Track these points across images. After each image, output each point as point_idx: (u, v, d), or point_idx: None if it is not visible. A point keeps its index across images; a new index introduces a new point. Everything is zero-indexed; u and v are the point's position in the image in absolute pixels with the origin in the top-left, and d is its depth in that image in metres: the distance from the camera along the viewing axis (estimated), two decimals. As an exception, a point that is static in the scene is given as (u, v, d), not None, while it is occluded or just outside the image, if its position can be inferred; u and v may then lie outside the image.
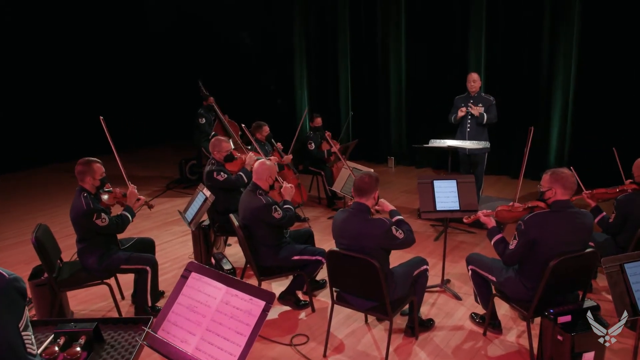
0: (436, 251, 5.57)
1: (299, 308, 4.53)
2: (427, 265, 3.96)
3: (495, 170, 8.77)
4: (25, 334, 1.46)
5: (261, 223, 4.19)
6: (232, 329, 1.99)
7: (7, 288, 1.43)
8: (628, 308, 2.86)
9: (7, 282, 1.43)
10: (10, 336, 1.42)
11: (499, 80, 8.52)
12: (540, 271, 3.36)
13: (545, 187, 3.47)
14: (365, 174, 3.67)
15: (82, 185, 4.12)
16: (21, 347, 1.45)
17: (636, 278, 2.89)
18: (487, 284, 3.96)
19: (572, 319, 3.37)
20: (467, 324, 4.23)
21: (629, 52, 7.22)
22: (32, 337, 1.47)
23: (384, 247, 3.52)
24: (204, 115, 8.17)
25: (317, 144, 7.45)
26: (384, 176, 9.38)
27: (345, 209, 3.68)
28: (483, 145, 6.01)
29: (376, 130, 10.31)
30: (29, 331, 1.47)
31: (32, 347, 1.47)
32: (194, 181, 8.79)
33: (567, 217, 3.38)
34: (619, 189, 4.29)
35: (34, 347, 1.48)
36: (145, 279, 4.27)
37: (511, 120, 8.34)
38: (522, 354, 3.76)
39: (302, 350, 3.90)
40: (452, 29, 8.96)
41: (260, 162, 4.36)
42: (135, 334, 2.46)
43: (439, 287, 4.83)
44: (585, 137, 7.83)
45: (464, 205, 4.45)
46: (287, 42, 11.18)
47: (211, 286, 2.14)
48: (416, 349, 3.88)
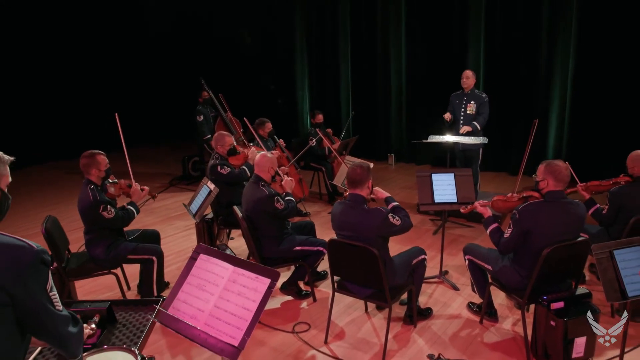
0: (435, 244, 5.69)
1: (300, 298, 4.65)
2: (425, 255, 4.08)
3: (493, 167, 8.90)
4: (52, 294, 1.64)
5: (264, 214, 4.31)
6: (239, 305, 2.11)
7: (35, 259, 1.57)
8: (617, 293, 2.97)
9: (35, 254, 1.58)
10: (42, 299, 1.60)
11: (497, 78, 8.66)
12: (534, 260, 3.48)
13: (539, 177, 3.59)
14: (356, 165, 3.78)
15: (88, 178, 4.23)
16: (51, 306, 1.62)
17: (625, 264, 2.99)
18: (483, 273, 4.07)
19: (564, 306, 3.49)
20: (464, 313, 4.35)
21: (626, 50, 7.35)
22: (57, 295, 1.65)
23: (383, 235, 3.64)
24: (202, 112, 8.31)
25: (319, 141, 7.57)
26: (385, 173, 9.51)
27: (342, 202, 3.79)
28: (480, 140, 6.13)
29: (376, 127, 10.46)
30: (54, 291, 1.64)
31: (58, 304, 1.66)
32: (196, 177, 8.91)
33: (560, 207, 3.49)
34: (612, 182, 4.40)
35: (59, 303, 1.66)
36: (151, 269, 4.39)
37: (510, 117, 8.49)
38: (517, 341, 3.88)
39: (304, 337, 4.02)
40: (452, 28, 9.10)
41: (262, 155, 4.48)
42: (145, 314, 2.58)
43: (438, 278, 4.95)
44: (583, 133, 7.97)
45: (461, 197, 4.57)
46: (287, 42, 11.32)
47: (219, 266, 2.26)
48: (414, 336, 4.00)
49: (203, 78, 8.52)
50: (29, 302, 1.55)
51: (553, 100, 8.18)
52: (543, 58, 8.18)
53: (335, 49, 10.65)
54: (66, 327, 1.68)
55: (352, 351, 3.83)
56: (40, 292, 1.59)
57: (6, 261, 1.53)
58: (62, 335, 1.66)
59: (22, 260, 1.55)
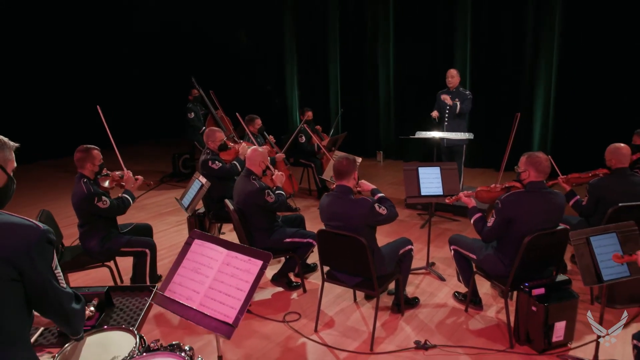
0: (422, 237, 5.82)
1: (291, 289, 4.76)
2: (411, 245, 4.20)
3: (480, 164, 9.07)
4: (57, 271, 1.75)
5: (255, 207, 4.41)
6: (232, 286, 2.21)
7: (42, 237, 1.68)
8: (593, 277, 3.11)
9: (42, 233, 1.68)
10: (48, 276, 1.70)
11: (483, 76, 8.85)
12: (516, 248, 3.61)
13: (521, 168, 3.73)
14: (342, 157, 3.89)
15: (82, 172, 4.29)
16: (56, 282, 1.72)
17: (600, 250, 3.13)
18: (468, 262, 4.21)
19: (545, 292, 3.64)
20: (450, 302, 4.48)
21: (609, 47, 7.57)
22: (61, 274, 1.75)
23: (370, 223, 3.76)
24: (193, 110, 8.42)
25: (308, 137, 7.68)
26: (373, 169, 9.65)
27: (329, 193, 3.91)
28: (466, 136, 6.27)
29: (365, 125, 10.61)
30: (58, 269, 1.75)
31: (62, 282, 1.76)
32: (187, 175, 8.99)
33: (541, 196, 3.63)
34: (591, 174, 4.55)
35: (63, 281, 1.76)
36: (145, 261, 4.47)
37: (496, 114, 8.66)
38: (501, 327, 4.01)
39: (295, 326, 4.13)
40: (438, 27, 9.26)
41: (252, 149, 4.59)
42: (142, 299, 2.68)
43: (425, 270, 5.08)
44: (567, 128, 8.19)
45: (447, 190, 4.70)
46: (277, 40, 11.42)
47: (213, 250, 2.36)
48: (402, 324, 4.12)
49: (194, 76, 8.60)
50: (36, 278, 1.65)
51: (538, 97, 8.37)
52: (528, 56, 8.37)
53: (325, 47, 10.78)
54: (70, 304, 1.78)
55: (341, 339, 3.94)
56: (46, 269, 1.69)
57: (16, 239, 1.63)
58: (66, 311, 1.76)
59: (30, 239, 1.65)
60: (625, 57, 7.50)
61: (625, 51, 7.48)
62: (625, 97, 7.57)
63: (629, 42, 7.44)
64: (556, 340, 3.65)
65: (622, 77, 7.58)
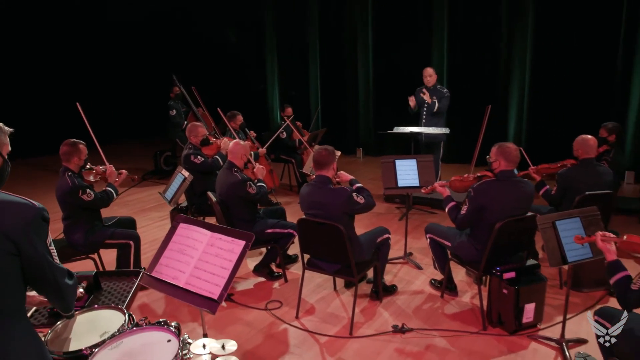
0: (400, 229, 5.97)
1: (272, 279, 4.88)
2: (389, 234, 4.36)
3: (457, 159, 9.29)
4: (51, 248, 1.86)
5: (237, 198, 4.53)
6: (217, 265, 2.33)
7: (37, 215, 1.78)
8: (559, 259, 3.30)
9: (38, 210, 1.79)
10: (43, 251, 1.81)
11: (460, 73, 9.08)
12: (488, 234, 3.78)
13: (492, 158, 3.90)
14: (321, 148, 4.03)
15: (67, 165, 4.36)
16: (50, 258, 1.84)
17: (565, 233, 3.32)
18: (443, 250, 4.37)
19: (515, 275, 3.82)
20: (427, 289, 4.65)
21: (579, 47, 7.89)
22: (55, 251, 1.87)
23: (348, 212, 3.90)
24: (174, 107, 8.50)
25: (289, 133, 7.81)
26: (353, 166, 9.81)
27: (309, 183, 4.05)
28: (443, 130, 6.46)
29: (345, 122, 10.78)
30: (52, 246, 1.86)
31: (56, 258, 1.87)
32: (168, 172, 9.04)
33: (511, 184, 3.81)
34: (560, 164, 4.76)
35: (57, 257, 1.87)
36: (129, 253, 4.55)
37: (472, 111, 8.86)
38: (475, 311, 4.19)
39: (276, 314, 4.26)
40: (416, 25, 9.46)
41: (234, 142, 4.71)
42: (129, 283, 2.79)
43: (402, 259, 5.24)
44: (540, 122, 8.55)
45: (423, 182, 4.87)
46: (258, 37, 11.52)
47: (198, 232, 2.48)
48: (380, 310, 4.28)
49: (175, 73, 8.67)
50: (32, 253, 1.76)
51: (512, 94, 8.64)
52: (503, 54, 8.63)
53: (305, 45, 10.91)
54: (64, 279, 1.89)
55: (321, 324, 4.08)
56: (41, 245, 1.79)
57: (14, 216, 1.73)
58: (60, 285, 1.87)
59: (27, 216, 1.76)
60: (594, 55, 7.82)
61: (595, 49, 7.80)
62: (594, 93, 7.89)
63: (598, 41, 7.75)
64: (526, 322, 3.83)
65: (591, 74, 7.92)
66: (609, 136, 5.49)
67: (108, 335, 2.16)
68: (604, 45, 7.73)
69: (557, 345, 3.64)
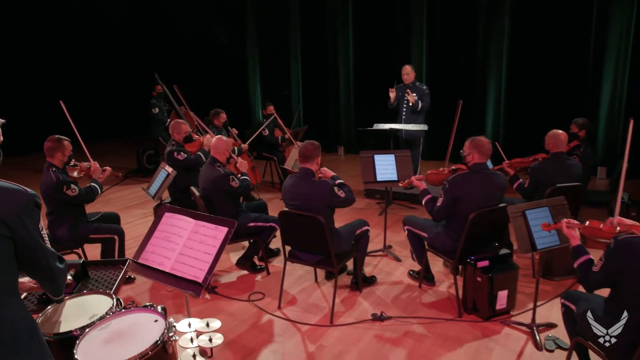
0: (380, 224, 6.10)
1: (255, 272, 4.99)
2: (368, 227, 4.50)
3: (437, 156, 9.47)
4: (43, 232, 1.97)
5: (220, 192, 4.63)
6: (201, 251, 2.44)
7: (30, 200, 1.88)
8: (528, 246, 3.46)
9: (30, 196, 1.88)
10: (36, 235, 1.91)
11: (438, 71, 9.28)
12: (462, 224, 3.94)
13: (466, 152, 4.06)
14: (308, 142, 4.16)
15: (51, 161, 4.41)
16: (42, 241, 1.94)
17: (534, 222, 3.48)
18: (421, 241, 4.52)
19: (489, 264, 3.98)
20: (405, 280, 4.80)
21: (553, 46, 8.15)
22: (46, 235, 1.97)
23: (329, 204, 4.02)
24: (156, 105, 8.58)
25: (270, 130, 7.92)
26: (335, 163, 9.94)
27: (292, 175, 4.17)
28: (421, 127, 6.62)
29: (326, 120, 10.91)
30: (44, 231, 1.96)
31: (47, 242, 1.97)
32: (151, 170, 9.08)
33: (484, 177, 3.97)
34: (532, 158, 4.93)
35: (48, 242, 1.97)
36: (113, 247, 4.63)
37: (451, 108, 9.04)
38: (451, 300, 4.34)
39: (259, 304, 4.37)
40: (395, 24, 9.65)
41: (217, 138, 4.80)
42: (115, 272, 2.87)
43: (382, 252, 5.39)
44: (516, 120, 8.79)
45: (401, 176, 5.01)
46: (240, 36, 11.60)
47: (182, 220, 2.59)
48: (360, 300, 4.41)
49: (158, 72, 8.72)
50: (25, 236, 1.85)
51: (490, 90, 8.86)
52: (480, 53, 8.83)
53: (286, 44, 11.02)
54: (55, 262, 1.99)
55: (303, 314, 4.20)
56: (34, 229, 1.89)
57: (8, 201, 1.83)
58: (52, 269, 1.97)
59: (20, 201, 1.85)
60: (567, 54, 8.08)
61: (568, 49, 8.06)
62: (567, 91, 8.17)
63: (571, 41, 8.01)
64: (499, 308, 4.00)
65: (564, 73, 8.18)
66: (579, 131, 5.69)
67: (97, 318, 2.26)
68: (576, 45, 7.99)
69: (529, 330, 3.81)
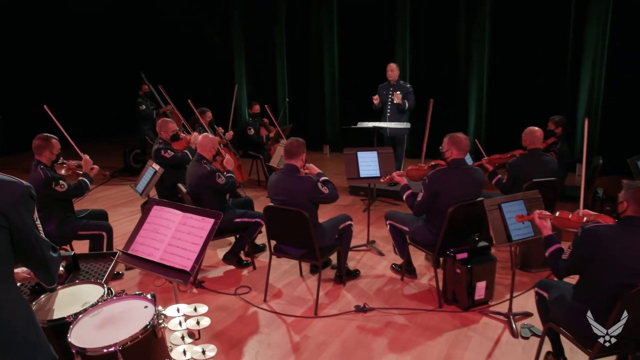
0: (365, 219, 6.21)
1: (241, 267, 5.10)
2: (351, 221, 4.62)
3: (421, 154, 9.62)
4: (38, 223, 2.06)
5: (207, 189, 4.72)
6: (188, 241, 2.55)
7: (24, 193, 1.97)
8: (504, 237, 3.61)
9: (25, 188, 1.97)
10: (31, 225, 1.99)
11: (421, 70, 9.46)
12: (442, 218, 4.08)
13: (444, 148, 4.20)
14: (293, 139, 4.28)
15: (39, 159, 4.48)
16: (37, 231, 2.03)
17: (510, 215, 3.63)
18: (402, 235, 4.66)
19: (468, 256, 4.12)
20: (388, 273, 4.93)
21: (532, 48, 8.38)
22: (40, 226, 2.06)
23: (313, 200, 4.14)
24: (143, 103, 8.65)
25: (256, 129, 8.03)
26: (320, 162, 10.06)
27: (278, 171, 4.29)
28: (404, 125, 6.77)
29: (312, 119, 11.04)
30: (38, 222, 2.06)
31: (42, 232, 2.06)
32: (138, 169, 9.11)
33: (462, 172, 4.12)
34: (510, 154, 5.10)
35: (42, 232, 2.06)
36: (101, 244, 4.70)
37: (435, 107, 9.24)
38: (432, 292, 4.49)
39: (245, 298, 4.48)
40: (381, 22, 9.81)
41: (204, 135, 4.91)
42: (105, 264, 2.97)
43: (365, 247, 5.52)
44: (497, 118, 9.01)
45: (383, 172, 5.15)
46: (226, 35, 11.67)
47: (171, 213, 2.70)
48: (344, 292, 4.54)
49: (144, 71, 8.78)
50: (21, 226, 1.94)
51: (472, 90, 9.05)
52: (461, 53, 9.04)
53: (272, 43, 11.12)
54: (49, 251, 2.08)
55: (288, 306, 4.32)
56: (29, 219, 1.98)
57: (5, 192, 1.91)
58: (46, 258, 2.06)
59: (16, 192, 1.94)
60: (546, 54, 8.31)
61: (546, 49, 8.30)
62: (546, 90, 8.41)
63: (550, 41, 8.25)
64: (478, 299, 4.15)
65: (544, 72, 8.43)
66: (556, 128, 5.87)
67: (89, 305, 2.36)
68: (554, 45, 8.22)
69: (506, 319, 3.97)
